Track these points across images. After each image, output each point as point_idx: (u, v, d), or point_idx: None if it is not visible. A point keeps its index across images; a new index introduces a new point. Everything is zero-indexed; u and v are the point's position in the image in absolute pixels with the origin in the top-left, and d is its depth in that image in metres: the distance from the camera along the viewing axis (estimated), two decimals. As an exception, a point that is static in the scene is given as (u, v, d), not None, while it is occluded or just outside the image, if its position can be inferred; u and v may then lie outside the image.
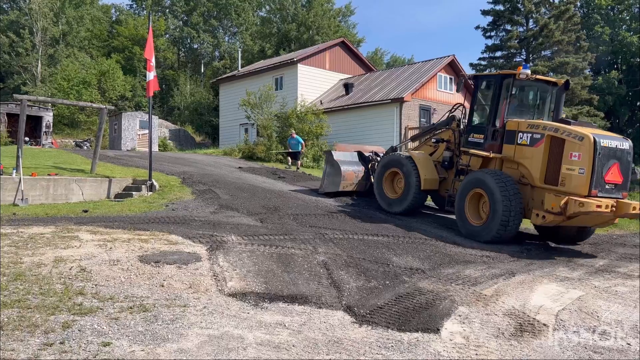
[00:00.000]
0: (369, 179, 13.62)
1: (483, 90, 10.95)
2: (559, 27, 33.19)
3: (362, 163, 13.82)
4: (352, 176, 13.44)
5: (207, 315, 4.96)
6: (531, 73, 10.20)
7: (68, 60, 40.41)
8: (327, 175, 13.63)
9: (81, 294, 5.21)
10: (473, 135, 10.73)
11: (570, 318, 5.50)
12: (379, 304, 5.71)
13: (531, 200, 9.63)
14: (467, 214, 10.01)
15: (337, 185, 13.24)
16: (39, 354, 3.83)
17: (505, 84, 10.20)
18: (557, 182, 9.11)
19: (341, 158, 13.58)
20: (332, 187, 13.39)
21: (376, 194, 12.45)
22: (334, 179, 13.36)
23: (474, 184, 9.97)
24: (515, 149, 9.87)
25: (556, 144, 9.22)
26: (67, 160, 16.55)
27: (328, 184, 13.53)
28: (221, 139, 34.81)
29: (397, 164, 11.98)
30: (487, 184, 9.62)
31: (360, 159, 13.93)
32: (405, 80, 27.35)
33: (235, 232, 8.41)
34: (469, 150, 10.68)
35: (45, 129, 26.96)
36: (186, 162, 19.10)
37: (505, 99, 10.18)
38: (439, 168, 11.71)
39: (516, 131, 9.89)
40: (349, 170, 13.43)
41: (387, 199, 12.07)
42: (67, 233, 7.66)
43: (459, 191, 10.33)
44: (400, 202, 11.70)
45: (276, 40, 46.80)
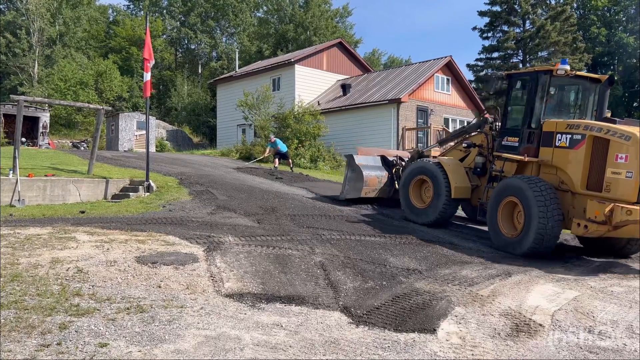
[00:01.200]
0: (392, 184, 12.98)
1: (517, 89, 10.07)
2: (555, 28, 33.32)
3: (386, 168, 13.14)
4: (375, 182, 12.77)
5: (204, 316, 4.96)
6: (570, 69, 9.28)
7: (65, 60, 40.35)
8: (349, 181, 12.83)
9: (78, 295, 5.21)
10: (507, 139, 9.89)
11: (566, 318, 5.52)
12: (376, 304, 5.72)
13: (572, 209, 8.76)
14: (500, 225, 9.19)
15: (359, 191, 12.57)
16: (36, 354, 3.83)
17: (542, 81, 9.33)
18: (601, 188, 8.21)
19: (363, 162, 12.92)
20: (353, 192, 12.69)
21: (402, 203, 11.64)
22: (356, 184, 12.65)
23: (507, 192, 9.14)
24: (554, 152, 9.02)
25: (599, 145, 8.33)
26: (64, 161, 16.52)
27: (349, 189, 12.77)
28: (218, 139, 34.81)
29: (424, 171, 11.13)
30: (521, 191, 8.75)
31: (383, 163, 13.26)
32: (402, 81, 27.40)
33: (233, 233, 8.42)
34: (502, 154, 9.89)
35: (42, 129, 26.93)
36: (183, 163, 19.10)
37: (542, 97, 9.32)
38: (471, 175, 10.86)
39: (554, 132, 9.01)
40: (372, 175, 12.74)
41: (415, 209, 11.24)
42: (64, 234, 7.66)
43: (491, 200, 9.53)
44: (429, 212, 10.84)
45: (274, 41, 46.85)
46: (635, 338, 4.99)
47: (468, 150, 11.21)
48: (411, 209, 11.33)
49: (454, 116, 28.65)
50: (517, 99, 10.13)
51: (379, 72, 32.44)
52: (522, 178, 9.04)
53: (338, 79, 32.11)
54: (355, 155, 13.20)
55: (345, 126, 27.10)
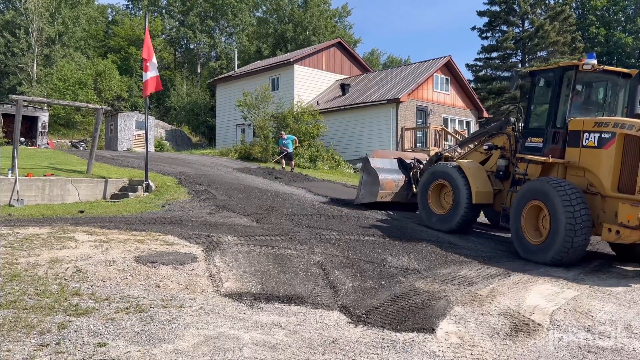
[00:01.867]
0: (410, 189, 12.45)
1: (541, 87, 9.43)
2: (554, 28, 33.36)
3: (403, 171, 12.65)
4: (392, 185, 12.27)
5: (203, 315, 4.96)
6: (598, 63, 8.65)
7: (64, 60, 40.35)
8: (364, 185, 12.40)
9: (77, 294, 5.21)
10: (531, 139, 9.27)
11: (564, 318, 5.53)
12: (375, 304, 5.72)
13: (602, 213, 8.13)
14: (525, 231, 8.55)
15: (375, 195, 12.08)
16: (35, 354, 3.83)
17: (567, 77, 8.74)
18: (634, 190, 7.61)
19: (379, 165, 12.43)
20: (369, 197, 12.22)
21: (420, 209, 11.17)
22: (372, 188, 12.19)
23: (531, 195, 8.52)
24: (581, 153, 8.38)
25: (631, 143, 7.75)
26: (63, 161, 16.51)
27: (365, 193, 12.33)
28: (217, 139, 34.81)
29: (444, 175, 10.57)
30: (546, 194, 8.14)
31: (400, 166, 12.76)
32: (401, 81, 27.42)
33: (232, 233, 8.42)
34: (525, 156, 9.27)
35: (41, 129, 26.92)
36: (182, 163, 19.10)
37: (567, 94, 8.72)
38: (493, 179, 10.26)
39: (581, 131, 8.38)
40: (388, 178, 12.26)
41: (433, 215, 10.71)
42: (63, 234, 7.65)
43: (514, 204, 8.90)
44: (449, 218, 10.31)
45: (273, 40, 46.86)
46: (633, 338, 5.00)
47: (489, 153, 10.67)
48: (430, 215, 10.82)
49: (453, 116, 28.68)
50: (541, 97, 9.54)
51: (378, 72, 32.46)
52: (546, 180, 8.41)
53: (337, 78, 32.12)
54: (370, 158, 12.76)
55: (344, 126, 27.12)
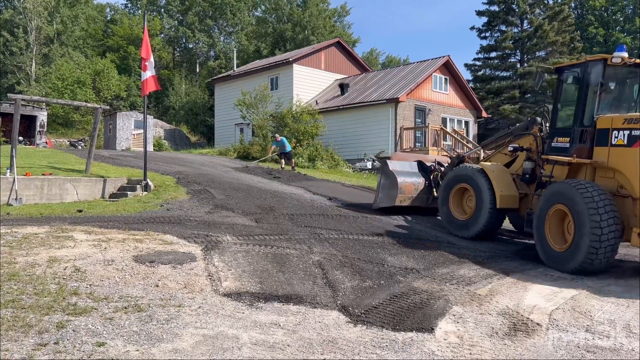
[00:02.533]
0: (430, 192, 12.00)
1: (568, 83, 8.95)
2: (553, 27, 33.38)
3: (423, 174, 12.21)
4: (411, 189, 11.81)
5: (202, 315, 4.96)
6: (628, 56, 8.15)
7: (62, 59, 40.28)
8: (382, 188, 11.96)
9: (75, 294, 5.20)
10: (557, 139, 8.78)
11: (563, 317, 5.53)
12: (374, 303, 5.72)
13: (633, 217, 7.56)
14: (548, 237, 8.01)
15: (393, 199, 11.63)
16: (33, 354, 3.82)
17: (594, 72, 8.21)
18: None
19: (398, 168, 12.02)
20: (387, 201, 11.78)
21: (441, 214, 10.69)
22: (390, 192, 11.74)
23: (554, 199, 8.00)
24: (610, 152, 7.82)
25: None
26: (62, 160, 16.49)
27: (383, 197, 11.89)
28: (216, 138, 34.79)
29: (466, 179, 10.09)
30: (570, 197, 7.62)
31: (420, 169, 12.33)
32: (400, 81, 27.42)
33: (231, 232, 8.41)
34: (550, 157, 8.80)
35: (40, 128, 26.89)
36: (181, 162, 19.09)
37: (595, 90, 8.21)
38: (518, 182, 9.73)
39: (609, 129, 7.85)
40: (407, 182, 11.79)
41: (455, 221, 10.21)
42: (61, 233, 7.64)
43: (537, 208, 8.42)
44: (471, 224, 9.83)
45: (272, 40, 46.83)
46: (632, 337, 5.00)
47: (515, 155, 10.07)
48: (451, 220, 10.34)
49: (452, 116, 28.69)
50: (568, 95, 9.02)
51: (377, 72, 32.45)
52: (571, 182, 7.92)
53: (336, 78, 32.11)
54: (389, 161, 12.42)
55: (343, 125, 27.11)
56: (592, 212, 7.24)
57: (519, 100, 33.33)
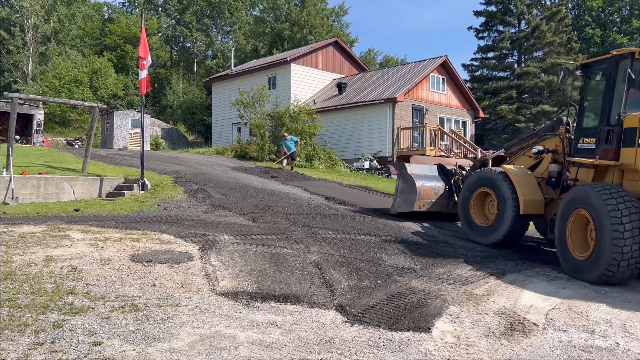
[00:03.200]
0: (451, 197, 11.50)
1: (595, 80, 8.38)
2: (550, 28, 33.45)
3: (443, 178, 11.71)
4: (430, 193, 11.36)
5: (198, 314, 4.95)
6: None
7: (59, 58, 40.18)
8: (400, 193, 11.47)
9: (72, 293, 5.19)
10: (583, 140, 8.23)
11: (560, 317, 5.54)
12: (371, 303, 5.73)
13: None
14: (570, 244, 7.48)
15: (412, 204, 11.19)
16: (29, 353, 3.81)
17: (621, 67, 7.64)
18: None
19: (416, 172, 11.57)
20: (405, 206, 11.30)
21: (461, 219, 10.16)
22: (408, 196, 11.28)
23: (575, 203, 7.43)
24: (637, 153, 7.29)
25: None
26: (58, 159, 16.45)
27: (401, 202, 11.39)
28: (214, 138, 34.76)
29: (487, 183, 9.50)
30: (590, 201, 7.04)
31: (440, 173, 11.83)
32: (398, 81, 27.45)
33: (228, 232, 8.40)
34: (575, 159, 8.29)
35: (36, 127, 26.82)
36: (178, 161, 19.06)
37: (622, 87, 7.65)
38: (544, 186, 9.12)
39: (637, 128, 7.30)
40: (426, 186, 11.35)
41: (476, 227, 9.68)
42: (58, 232, 7.62)
43: (558, 213, 7.85)
44: (493, 230, 9.24)
45: (269, 39, 46.79)
46: (628, 337, 5.02)
47: (540, 157, 9.50)
48: (472, 226, 9.80)
49: (449, 116, 28.74)
50: (594, 92, 8.45)
51: (375, 72, 32.47)
52: (592, 186, 7.35)
53: (334, 78, 32.13)
54: (407, 164, 11.88)
55: (341, 125, 27.12)
56: (615, 218, 6.66)
57: (516, 100, 33.39)
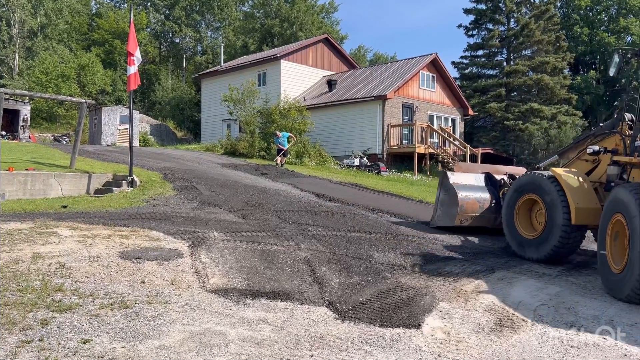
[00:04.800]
0: (499, 211, 9.72)
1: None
2: (539, 26, 33.65)
3: (491, 189, 10.28)
4: (475, 207, 10.02)
5: (189, 311, 4.93)
6: None
7: (46, 53, 39.68)
8: (441, 204, 10.37)
9: (60, 290, 5.14)
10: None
11: (548, 313, 5.60)
12: (361, 299, 5.74)
13: None
14: (609, 255, 6.39)
15: (453, 218, 9.99)
16: (17, 351, 3.77)
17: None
18: None
19: (460, 181, 10.32)
20: (446, 220, 10.20)
21: (505, 230, 8.88)
22: (449, 209, 10.11)
23: (613, 206, 6.44)
24: None
25: None
26: (46, 155, 16.27)
27: (441, 215, 10.33)
28: (203, 134, 34.60)
29: (534, 188, 8.26)
30: (625, 205, 6.06)
31: (488, 183, 10.44)
32: (388, 78, 27.49)
33: (218, 229, 8.37)
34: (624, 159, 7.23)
35: (23, 122, 26.50)
36: (167, 158, 18.94)
37: None
38: (602, 192, 7.76)
39: None
40: (470, 198, 10.04)
41: (521, 239, 8.40)
42: (45, 229, 7.54)
43: (601, 220, 6.75)
44: (540, 244, 7.95)
45: (259, 35, 46.59)
46: (616, 333, 5.07)
47: (598, 159, 8.14)
48: (516, 238, 8.53)
49: (439, 113, 28.85)
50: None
51: (365, 69, 32.50)
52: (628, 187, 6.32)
53: (324, 74, 32.10)
54: (450, 173, 10.70)
55: (331, 122, 27.12)
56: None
57: (505, 98, 33.58)
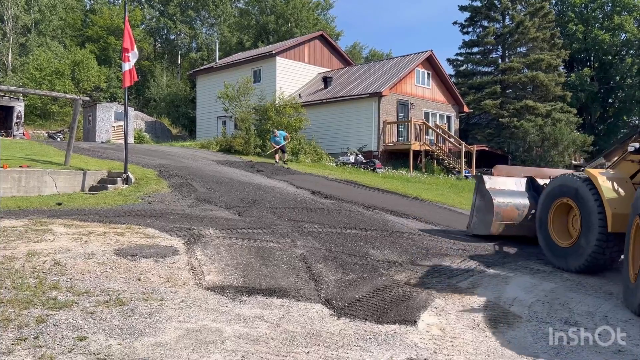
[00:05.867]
0: None
1: None
2: (534, 24, 33.69)
3: (534, 195, 9.27)
4: (513, 214, 9.10)
5: (184, 308, 4.93)
6: None
7: (40, 49, 39.44)
8: (477, 211, 9.58)
9: (56, 288, 5.12)
10: None
11: (543, 310, 5.63)
12: (357, 296, 5.75)
13: None
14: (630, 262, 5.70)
15: (488, 226, 9.19)
16: (13, 348, 3.76)
17: None
18: None
19: (497, 186, 9.42)
20: (481, 227, 9.43)
21: (538, 237, 8.13)
22: (484, 216, 9.33)
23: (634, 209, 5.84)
24: None
25: None
26: (40, 152, 16.19)
27: (477, 222, 9.56)
28: (198, 131, 34.51)
29: (568, 192, 7.46)
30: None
31: (530, 188, 9.42)
32: (383, 75, 27.49)
33: (213, 226, 8.36)
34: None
35: (17, 119, 26.34)
36: (162, 155, 18.89)
37: None
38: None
39: None
40: (508, 204, 9.11)
41: (555, 248, 7.64)
42: (40, 226, 7.51)
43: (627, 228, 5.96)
44: (575, 253, 7.18)
45: (254, 32, 46.46)
46: (611, 329, 5.11)
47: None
48: (550, 247, 7.79)
49: (434, 110, 28.88)
50: None
51: (361, 66, 32.48)
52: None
53: (319, 71, 32.05)
54: (487, 177, 9.65)
55: (326, 119, 27.11)
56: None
57: (500, 95, 33.64)
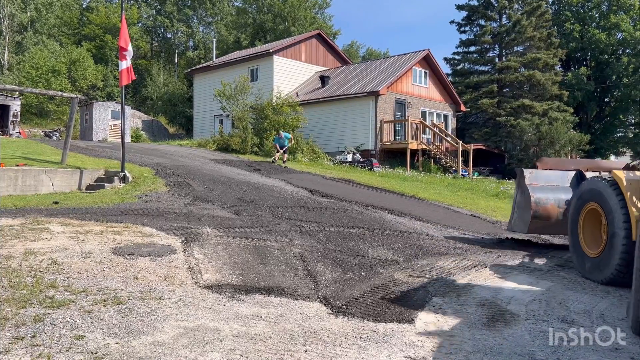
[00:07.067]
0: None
1: None
2: (531, 23, 33.75)
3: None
4: (553, 212, 8.37)
5: (182, 307, 4.92)
6: None
7: (37, 47, 39.30)
8: (517, 207, 8.96)
9: (53, 286, 5.11)
10: None
11: (540, 308, 5.64)
12: (355, 295, 5.76)
13: None
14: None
15: (526, 224, 8.56)
16: (10, 347, 3.75)
17: None
18: None
19: (539, 181, 8.63)
20: (520, 225, 8.83)
21: (570, 247, 7.56)
22: (523, 214, 8.69)
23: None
24: None
25: None
26: (36, 151, 16.14)
27: (517, 220, 8.96)
28: (195, 130, 34.47)
29: (594, 196, 6.91)
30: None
31: (578, 184, 8.20)
32: (381, 74, 27.50)
33: (211, 225, 8.35)
34: None
35: (13, 118, 26.25)
36: (159, 154, 18.86)
37: None
38: None
39: None
40: (549, 201, 8.38)
41: (583, 256, 7.09)
42: (37, 225, 7.49)
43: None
44: (602, 263, 6.61)
45: (252, 31, 46.41)
46: (607, 327, 5.12)
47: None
48: (580, 257, 7.18)
49: (431, 109, 28.91)
50: None
51: (358, 65, 32.48)
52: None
53: (317, 70, 32.05)
54: (528, 171, 8.82)
55: (324, 118, 27.11)
56: None
57: (497, 94, 33.69)
